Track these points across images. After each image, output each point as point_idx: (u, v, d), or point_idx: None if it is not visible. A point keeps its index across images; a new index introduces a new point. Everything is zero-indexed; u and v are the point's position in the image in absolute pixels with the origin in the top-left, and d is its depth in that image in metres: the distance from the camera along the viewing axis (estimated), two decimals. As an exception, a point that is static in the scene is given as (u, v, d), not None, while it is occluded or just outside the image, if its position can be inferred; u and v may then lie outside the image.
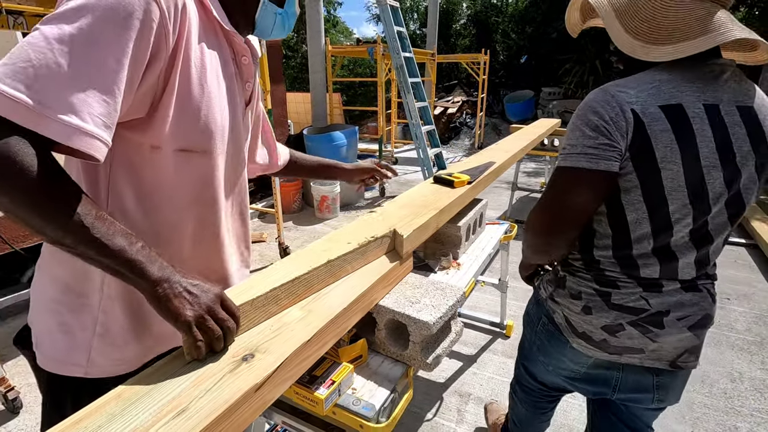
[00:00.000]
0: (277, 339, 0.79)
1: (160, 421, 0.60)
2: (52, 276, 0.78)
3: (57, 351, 0.77)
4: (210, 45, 0.73)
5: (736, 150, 0.83)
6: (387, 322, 1.06)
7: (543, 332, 1.10)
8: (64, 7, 0.57)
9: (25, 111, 0.52)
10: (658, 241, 0.88)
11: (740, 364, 2.27)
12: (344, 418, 0.92)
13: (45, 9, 1.89)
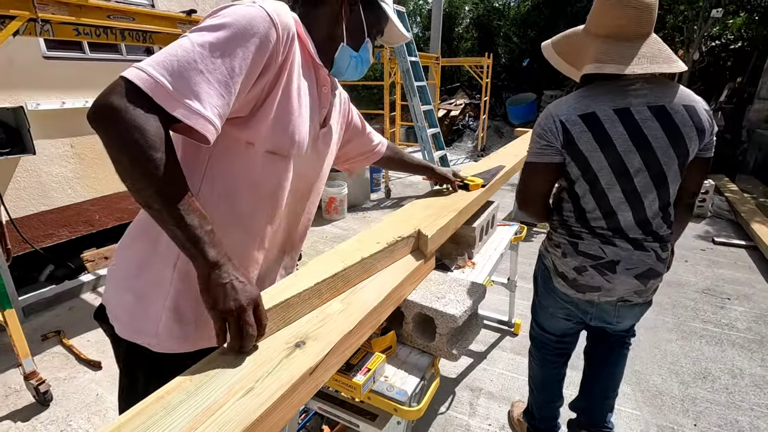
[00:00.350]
0: (323, 328, 0.88)
1: (231, 399, 0.68)
2: (131, 255, 0.88)
3: (132, 322, 0.87)
4: (304, 72, 0.87)
5: (650, 137, 1.16)
6: (414, 316, 1.15)
7: (541, 278, 1.49)
8: (210, 22, 0.72)
9: (164, 92, 0.65)
10: (600, 204, 1.24)
11: (741, 361, 2.35)
12: (379, 402, 1.00)
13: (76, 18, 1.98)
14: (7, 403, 2.05)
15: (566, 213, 1.33)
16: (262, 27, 0.73)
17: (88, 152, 3.31)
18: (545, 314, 1.51)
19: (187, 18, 2.47)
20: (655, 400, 2.06)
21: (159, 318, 0.85)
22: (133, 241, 0.89)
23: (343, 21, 0.91)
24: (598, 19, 1.19)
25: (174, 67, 0.66)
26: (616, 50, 1.15)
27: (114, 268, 0.91)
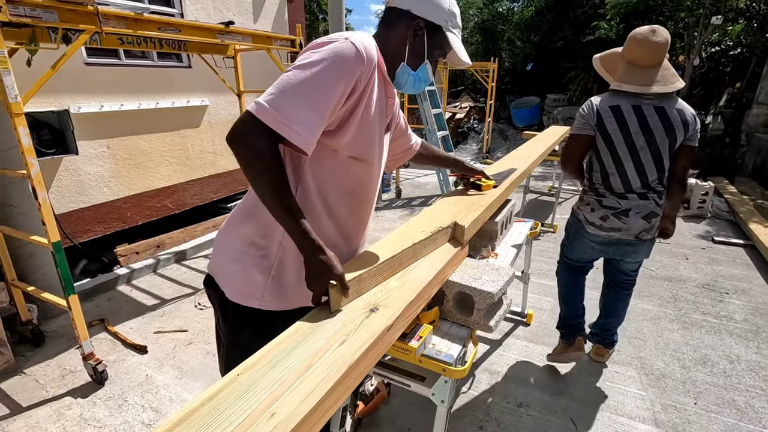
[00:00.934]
0: (389, 299, 1.06)
1: (332, 347, 0.87)
2: (240, 235, 1.08)
3: (241, 288, 1.06)
4: (379, 90, 1.05)
5: (651, 125, 1.80)
6: (455, 294, 1.33)
7: (573, 228, 2.14)
8: (310, 58, 0.90)
9: (277, 122, 0.86)
10: (618, 170, 1.88)
11: (738, 348, 2.53)
12: (429, 365, 1.19)
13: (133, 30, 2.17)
14: (65, 382, 2.24)
15: (595, 179, 1.99)
16: (351, 61, 0.91)
17: (122, 153, 3.50)
18: (574, 250, 2.19)
19: (226, 29, 2.66)
20: (659, 382, 2.25)
21: (265, 284, 1.04)
22: (239, 224, 1.08)
23: (408, 44, 1.09)
24: (626, 50, 1.84)
25: (282, 101, 0.86)
26: (634, 75, 1.80)
27: (223, 245, 1.11)
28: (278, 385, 0.76)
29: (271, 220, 0.98)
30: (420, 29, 1.07)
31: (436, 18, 1.08)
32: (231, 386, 0.76)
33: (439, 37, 1.10)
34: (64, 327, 2.74)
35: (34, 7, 1.78)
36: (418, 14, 1.07)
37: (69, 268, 3.34)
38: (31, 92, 1.86)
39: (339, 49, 0.91)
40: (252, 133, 0.86)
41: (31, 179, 1.87)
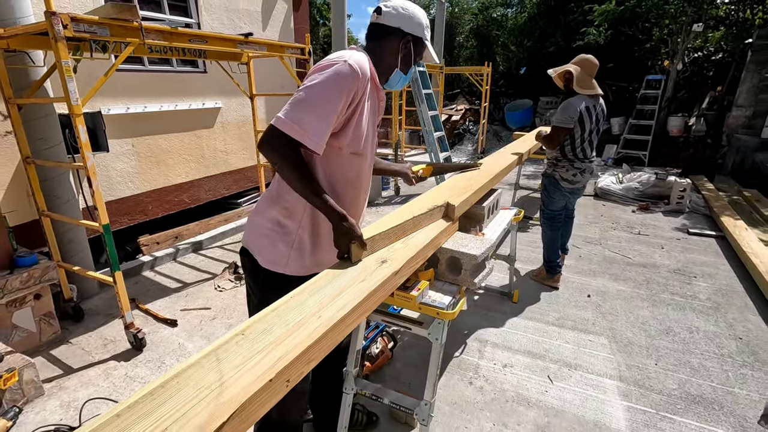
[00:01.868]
0: (395, 255, 1.39)
1: (353, 284, 1.19)
2: (268, 216, 1.39)
3: (271, 257, 1.38)
4: (371, 95, 1.35)
5: (597, 118, 2.98)
6: (447, 259, 1.66)
7: (550, 185, 3.18)
8: (316, 79, 1.19)
9: (296, 132, 1.16)
10: (582, 145, 3.01)
11: (698, 321, 2.87)
12: (426, 310, 1.51)
13: (168, 42, 2.49)
14: (108, 350, 2.55)
15: (568, 151, 3.05)
16: (349, 79, 1.20)
17: (145, 151, 3.82)
18: (554, 202, 3.20)
19: (245, 40, 2.99)
20: (626, 348, 2.59)
21: (288, 255, 1.37)
22: (267, 209, 1.40)
23: (400, 54, 1.39)
24: (585, 67, 2.95)
25: (300, 116, 1.16)
26: (588, 83, 2.95)
27: (254, 225, 1.42)
28: (320, 302, 1.08)
29: (292, 205, 1.31)
30: (408, 42, 1.38)
31: (419, 33, 1.39)
32: (287, 303, 1.08)
33: (420, 46, 1.42)
34: (99, 306, 3.05)
35: (91, 24, 2.11)
36: (407, 31, 1.37)
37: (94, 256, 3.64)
38: (87, 96, 2.18)
39: (339, 70, 1.20)
40: (279, 142, 1.17)
41: (87, 170, 2.19)
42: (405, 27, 1.37)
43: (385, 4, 1.40)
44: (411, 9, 1.39)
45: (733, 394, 2.21)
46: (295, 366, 0.89)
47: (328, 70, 1.20)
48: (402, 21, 1.36)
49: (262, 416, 1.31)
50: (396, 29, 1.37)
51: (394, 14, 1.36)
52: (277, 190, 1.40)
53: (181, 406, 0.74)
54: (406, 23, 1.36)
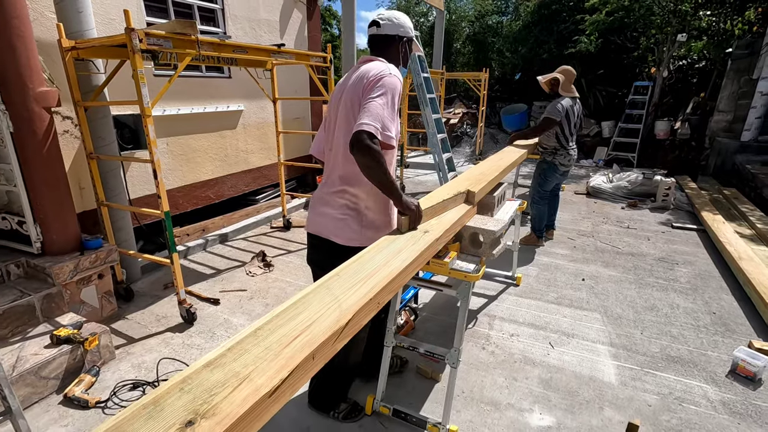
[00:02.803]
0: (434, 228, 1.75)
1: (407, 247, 1.56)
2: (340, 204, 1.75)
3: (347, 235, 1.75)
4: None
5: (576, 115, 3.91)
6: (469, 235, 2.03)
7: (548, 169, 4.04)
8: (379, 90, 1.56)
9: (382, 135, 1.53)
10: (571, 135, 3.91)
11: (678, 299, 3.27)
12: (455, 274, 1.87)
13: (217, 53, 2.84)
14: (161, 324, 2.87)
15: (562, 140, 3.88)
16: (398, 86, 1.62)
17: (177, 150, 4.15)
18: (548, 184, 4.07)
19: (278, 49, 3.35)
20: (617, 321, 2.97)
21: (360, 231, 1.75)
22: (338, 199, 1.76)
23: (401, 54, 1.82)
24: (567, 76, 3.84)
25: (378, 122, 1.51)
26: (570, 88, 3.89)
27: (327, 213, 1.77)
28: (386, 259, 1.44)
29: (356, 194, 1.71)
30: (405, 44, 1.82)
31: (411, 34, 1.83)
32: (358, 261, 1.44)
33: (411, 44, 1.87)
34: (143, 288, 3.38)
35: (158, 38, 2.45)
36: (404, 35, 1.80)
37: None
38: (155, 100, 2.52)
39: (392, 82, 1.60)
40: (371, 144, 1.49)
41: (153, 163, 2.53)
42: (401, 33, 1.79)
43: (380, 18, 1.78)
44: (400, 17, 1.80)
45: (706, 356, 2.60)
46: (380, 295, 1.25)
47: (384, 82, 1.59)
48: (398, 29, 1.78)
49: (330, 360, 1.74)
50: (394, 36, 1.78)
51: (390, 24, 1.77)
52: (340, 185, 1.75)
53: (314, 313, 1.09)
54: (401, 30, 1.78)
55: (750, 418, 2.10)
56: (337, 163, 1.75)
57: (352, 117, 1.63)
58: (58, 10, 2.73)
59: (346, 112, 1.68)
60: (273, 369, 0.86)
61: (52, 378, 2.19)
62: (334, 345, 1.03)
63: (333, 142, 1.78)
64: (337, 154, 1.75)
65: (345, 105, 1.68)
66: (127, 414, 0.74)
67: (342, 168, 1.74)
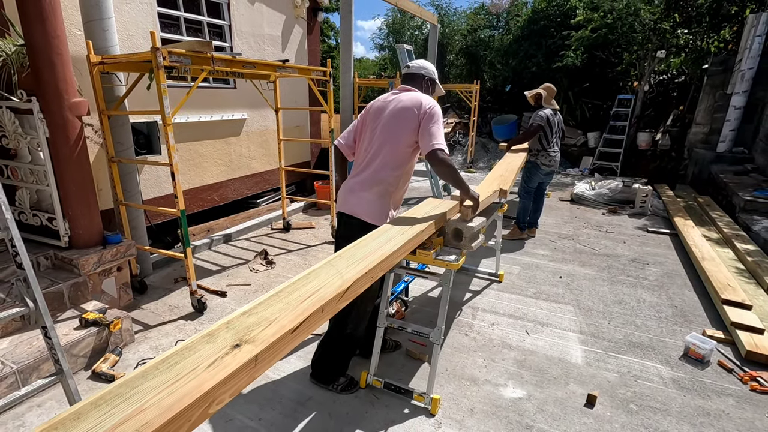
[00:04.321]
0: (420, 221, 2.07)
1: (395, 237, 1.87)
2: (374, 192, 2.13)
3: (381, 215, 2.12)
4: None
5: (556, 124, 4.56)
6: (452, 230, 2.34)
7: (532, 169, 4.65)
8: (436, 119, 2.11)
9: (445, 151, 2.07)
10: (554, 140, 4.52)
11: (645, 295, 3.60)
12: (438, 263, 2.18)
13: (230, 68, 3.16)
14: (174, 313, 3.15)
15: (544, 143, 4.49)
16: (440, 112, 2.07)
17: (185, 155, 4.44)
18: (532, 180, 4.68)
19: (283, 65, 3.68)
20: (587, 312, 3.29)
21: (389, 212, 2.12)
22: (373, 188, 2.13)
23: (425, 89, 2.25)
24: (549, 91, 4.60)
25: (443, 141, 2.07)
26: (551, 101, 4.61)
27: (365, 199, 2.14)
28: (380, 245, 1.76)
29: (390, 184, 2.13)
30: (428, 82, 2.31)
31: (433, 76, 2.34)
32: (356, 246, 1.75)
33: (434, 83, 2.34)
34: (155, 282, 3.65)
35: (179, 55, 2.76)
36: (427, 75, 2.32)
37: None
38: (175, 111, 2.83)
39: (439, 111, 2.13)
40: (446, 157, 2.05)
41: (172, 166, 2.82)
42: (425, 73, 2.33)
43: (409, 64, 2.37)
44: (425, 64, 2.35)
45: (664, 342, 2.92)
46: (374, 270, 1.55)
47: (435, 111, 2.12)
48: (422, 70, 2.33)
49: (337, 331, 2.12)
50: (423, 76, 2.32)
51: (417, 67, 2.35)
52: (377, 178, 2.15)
53: (322, 282, 1.40)
54: (425, 71, 2.33)
55: (695, 392, 2.41)
56: (377, 162, 2.17)
57: (400, 133, 2.12)
58: (87, 29, 3.04)
59: (392, 129, 2.14)
60: (293, 315, 1.17)
61: (81, 356, 2.46)
62: (338, 304, 1.33)
63: (373, 147, 2.18)
64: (377, 155, 2.16)
65: (391, 122, 2.15)
66: (193, 339, 1.03)
67: (381, 167, 2.16)
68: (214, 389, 0.89)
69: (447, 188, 7.11)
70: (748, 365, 2.63)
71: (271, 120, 5.40)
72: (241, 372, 0.96)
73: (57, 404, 2.19)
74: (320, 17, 6.26)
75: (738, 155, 7.32)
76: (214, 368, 0.94)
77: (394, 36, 15.65)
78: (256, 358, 1.00)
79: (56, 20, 2.53)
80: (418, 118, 2.11)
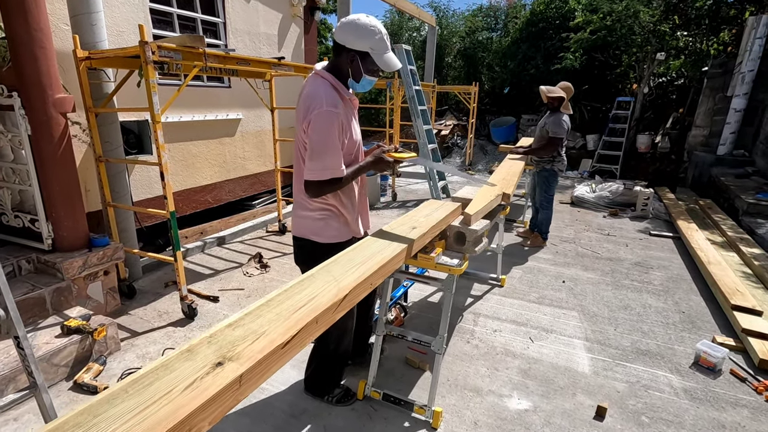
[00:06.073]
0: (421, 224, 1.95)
1: (395, 241, 1.75)
2: (315, 208, 1.88)
3: (329, 234, 1.90)
4: (346, 109, 1.80)
5: (570, 127, 4.11)
6: (455, 233, 2.23)
7: (553, 175, 4.45)
8: (314, 136, 1.64)
9: (327, 173, 1.70)
10: (565, 144, 4.36)
11: (650, 300, 3.50)
12: (441, 268, 2.07)
13: (223, 65, 3.04)
14: (163, 319, 3.02)
15: (560, 149, 4.29)
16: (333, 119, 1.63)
17: (178, 155, 4.32)
18: (553, 188, 4.49)
19: (278, 62, 3.56)
20: (592, 318, 3.18)
21: (339, 228, 1.91)
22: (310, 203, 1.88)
23: (349, 67, 1.71)
24: (568, 92, 4.28)
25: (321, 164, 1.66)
26: (567, 105, 4.28)
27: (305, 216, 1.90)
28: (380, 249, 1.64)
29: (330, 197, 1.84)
30: (354, 58, 1.68)
31: (363, 48, 1.64)
32: (354, 250, 1.63)
33: (369, 59, 1.68)
34: (145, 286, 3.52)
35: (169, 50, 2.65)
36: (350, 47, 1.64)
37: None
38: (164, 108, 2.71)
39: (324, 118, 1.61)
40: (322, 186, 1.70)
41: (161, 166, 2.70)
42: (348, 44, 1.63)
43: (341, 20, 1.66)
44: (355, 25, 1.61)
45: (673, 349, 2.81)
46: (373, 277, 1.44)
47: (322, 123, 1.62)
48: (346, 38, 1.63)
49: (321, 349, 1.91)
50: (341, 46, 1.66)
51: (339, 31, 1.64)
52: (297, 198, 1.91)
53: (317, 289, 1.28)
54: (349, 40, 1.63)
55: (708, 403, 2.31)
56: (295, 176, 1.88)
57: (300, 145, 1.75)
58: (74, 24, 2.92)
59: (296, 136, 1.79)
60: (284, 327, 1.05)
61: (63, 365, 2.32)
62: (333, 314, 1.21)
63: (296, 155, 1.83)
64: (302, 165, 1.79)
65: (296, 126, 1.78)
66: (171, 356, 0.92)
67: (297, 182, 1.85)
68: (192, 416, 0.77)
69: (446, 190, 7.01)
70: (762, 374, 2.53)
71: (266, 120, 5.29)
72: (223, 395, 0.84)
73: (35, 417, 2.06)
74: (317, 16, 6.16)
75: (738, 158, 7.26)
76: (192, 391, 0.82)
77: (392, 38, 15.59)
78: (241, 379, 0.88)
79: (39, 12, 2.41)
80: (303, 129, 1.67)
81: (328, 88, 1.70)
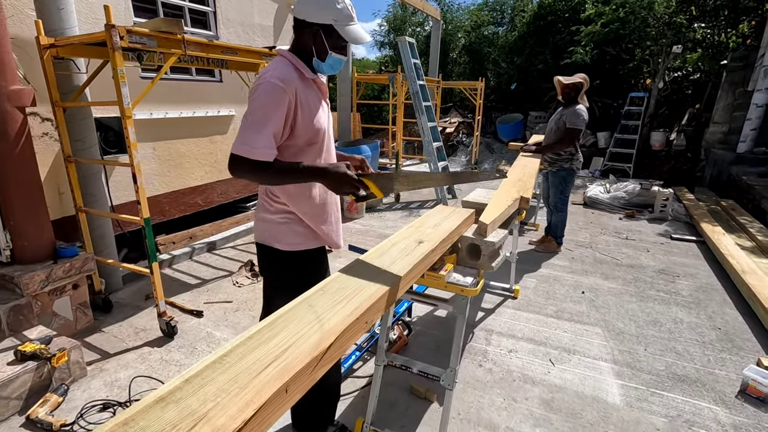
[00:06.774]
0: (429, 237, 1.63)
1: (400, 258, 1.42)
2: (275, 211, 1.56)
3: (291, 240, 1.57)
4: (306, 89, 1.44)
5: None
6: (467, 246, 1.91)
7: (569, 174, 4.08)
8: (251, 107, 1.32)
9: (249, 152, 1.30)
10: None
11: (681, 314, 3.16)
12: (452, 288, 1.74)
13: (206, 54, 2.72)
14: (140, 337, 2.71)
15: (578, 146, 4.00)
16: (276, 93, 1.33)
17: (164, 154, 4.01)
18: (568, 189, 4.14)
19: (269, 52, 3.24)
20: (619, 336, 2.85)
21: (304, 233, 1.58)
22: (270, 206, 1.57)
23: (312, 44, 1.44)
24: (585, 84, 3.93)
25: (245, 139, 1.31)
26: (584, 96, 3.95)
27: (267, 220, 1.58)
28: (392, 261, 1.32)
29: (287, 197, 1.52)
30: (317, 33, 1.42)
31: (325, 20, 1.39)
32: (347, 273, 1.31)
33: (334, 33, 1.43)
34: (124, 299, 3.21)
35: (142, 35, 2.33)
36: (311, 21, 1.40)
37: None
38: (136, 101, 2.39)
39: (265, 90, 1.34)
40: (240, 164, 1.34)
41: (134, 167, 2.39)
42: (309, 17, 1.41)
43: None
44: None
45: (714, 374, 2.47)
46: (368, 313, 1.11)
47: (257, 93, 1.35)
48: (306, 9, 1.41)
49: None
50: (302, 21, 1.43)
51: (299, 4, 1.42)
52: (266, 191, 1.58)
53: (292, 335, 0.95)
54: (310, 12, 1.40)
55: (764, 444, 1.97)
56: None
57: None
58: (38, 7, 2.61)
59: None
60: (237, 406, 0.72)
61: (14, 398, 2.02)
62: (312, 374, 0.89)
63: None
64: None
65: None
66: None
67: None
68: None
69: (452, 191, 6.68)
70: (822, 407, 2.19)
71: (261, 117, 4.97)
72: None
73: (-24, 463, 1.75)
74: (316, 8, 5.83)
75: (760, 156, 6.88)
76: None
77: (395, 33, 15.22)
78: None
79: (-11, -9, 2.10)
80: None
81: (285, 65, 1.42)
